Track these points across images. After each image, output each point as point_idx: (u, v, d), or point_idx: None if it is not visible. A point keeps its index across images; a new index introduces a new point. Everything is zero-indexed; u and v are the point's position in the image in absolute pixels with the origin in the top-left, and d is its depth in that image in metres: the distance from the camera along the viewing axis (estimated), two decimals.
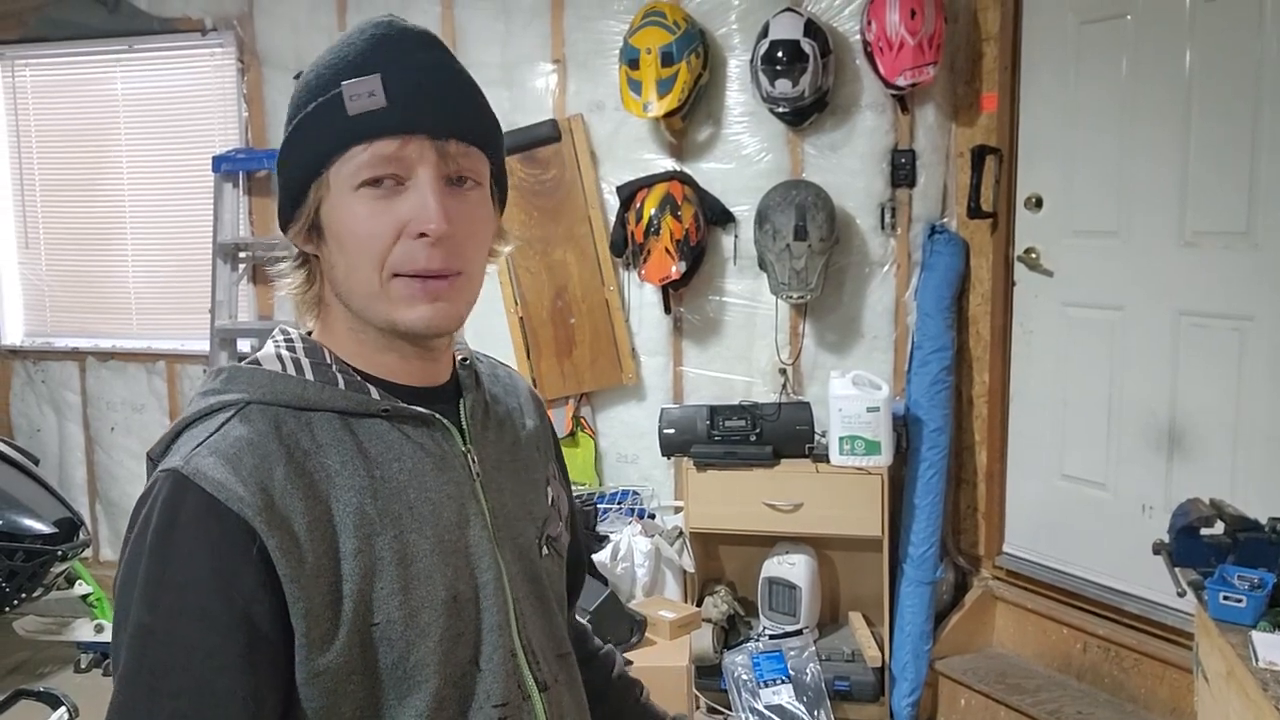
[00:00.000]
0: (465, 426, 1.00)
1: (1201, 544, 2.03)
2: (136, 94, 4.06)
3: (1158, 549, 2.07)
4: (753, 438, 3.19)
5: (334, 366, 0.94)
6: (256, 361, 0.94)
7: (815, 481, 3.12)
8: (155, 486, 0.85)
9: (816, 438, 3.20)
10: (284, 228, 0.95)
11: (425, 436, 0.95)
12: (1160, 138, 2.70)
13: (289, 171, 0.93)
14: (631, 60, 3.19)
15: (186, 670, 0.81)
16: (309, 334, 0.98)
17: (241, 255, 3.93)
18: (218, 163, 3.77)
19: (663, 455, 3.31)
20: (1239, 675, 1.75)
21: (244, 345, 3.96)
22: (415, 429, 0.95)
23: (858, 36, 3.17)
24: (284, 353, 0.95)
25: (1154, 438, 2.78)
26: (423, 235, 0.89)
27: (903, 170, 3.25)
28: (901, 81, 3.01)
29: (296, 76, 0.97)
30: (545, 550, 1.05)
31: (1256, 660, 1.72)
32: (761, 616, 3.26)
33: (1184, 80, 2.64)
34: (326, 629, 0.85)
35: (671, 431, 3.26)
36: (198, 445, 0.86)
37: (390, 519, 0.90)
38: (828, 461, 3.11)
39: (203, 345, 3.90)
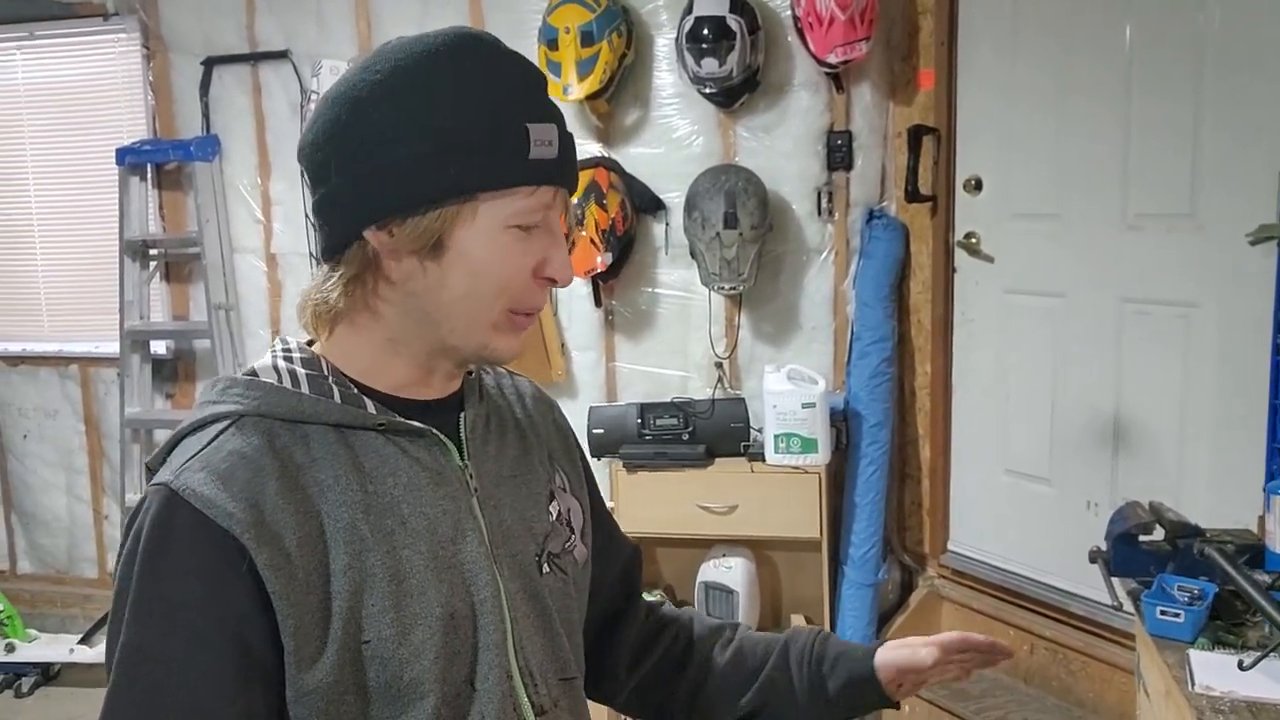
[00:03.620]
0: (464, 441, 0.99)
1: (1140, 552, 1.89)
2: (39, 84, 3.85)
3: (1094, 557, 1.94)
4: (685, 437, 3.04)
5: (331, 379, 0.92)
6: (254, 372, 0.93)
7: (750, 482, 2.98)
8: (146, 501, 0.85)
9: (753, 434, 3.06)
10: (374, 220, 0.89)
11: (422, 451, 0.94)
12: (1101, 115, 2.56)
13: (431, 177, 0.87)
14: (550, 40, 3.01)
15: (177, 690, 0.80)
16: (309, 343, 0.97)
17: (152, 253, 3.73)
18: (122, 155, 3.57)
19: (592, 456, 3.15)
20: (1176, 698, 1.62)
21: (157, 347, 3.78)
22: (412, 443, 0.94)
23: (788, 12, 3.00)
24: (281, 363, 0.94)
25: (1098, 431, 2.65)
26: (552, 281, 0.93)
27: (839, 152, 3.09)
28: (833, 59, 2.84)
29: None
30: (546, 568, 1.02)
31: (1193, 684, 1.59)
32: None
33: (1124, 55, 2.50)
34: (315, 647, 0.84)
35: (601, 431, 3.10)
36: (190, 458, 0.85)
37: (383, 535, 0.88)
38: (763, 460, 2.96)
39: (117, 347, 3.70)
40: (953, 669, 1.13)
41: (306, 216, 3.54)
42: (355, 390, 0.93)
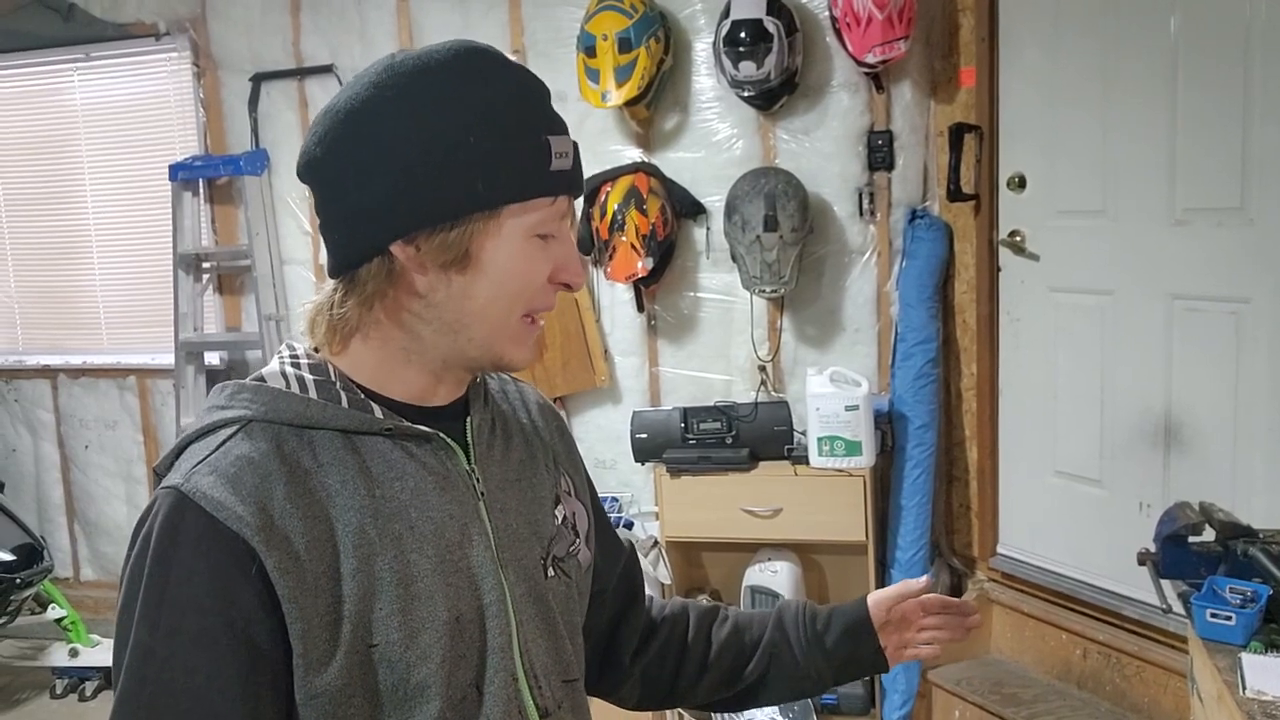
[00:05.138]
0: (471, 445, 0.99)
1: (1190, 554, 1.86)
2: (95, 103, 3.96)
3: (1143, 559, 1.90)
4: (728, 440, 3.03)
5: (338, 384, 0.93)
6: (261, 378, 0.94)
7: (794, 485, 2.97)
8: (155, 504, 0.85)
9: (796, 437, 3.04)
10: (402, 234, 0.89)
11: (429, 455, 0.94)
12: (1146, 109, 2.51)
13: (457, 190, 0.88)
14: (588, 48, 3.03)
15: (186, 692, 0.81)
16: (315, 350, 0.97)
17: (205, 266, 3.82)
18: (175, 171, 3.66)
19: (636, 461, 3.17)
20: (1228, 703, 1.59)
21: (211, 358, 3.86)
22: (419, 447, 0.94)
23: (826, 13, 2.99)
24: (289, 369, 0.94)
25: (1149, 430, 2.60)
26: (567, 286, 0.96)
27: (880, 153, 3.07)
28: (871, 59, 2.83)
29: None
30: (551, 571, 1.03)
31: (1244, 688, 1.55)
32: None
33: (1169, 47, 2.45)
34: (324, 650, 0.84)
35: (644, 436, 3.11)
36: (199, 463, 0.86)
37: (391, 539, 0.89)
38: (807, 463, 2.95)
39: (172, 359, 3.79)
40: (928, 635, 1.23)
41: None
42: (362, 396, 0.94)
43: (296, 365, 0.94)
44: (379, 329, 0.94)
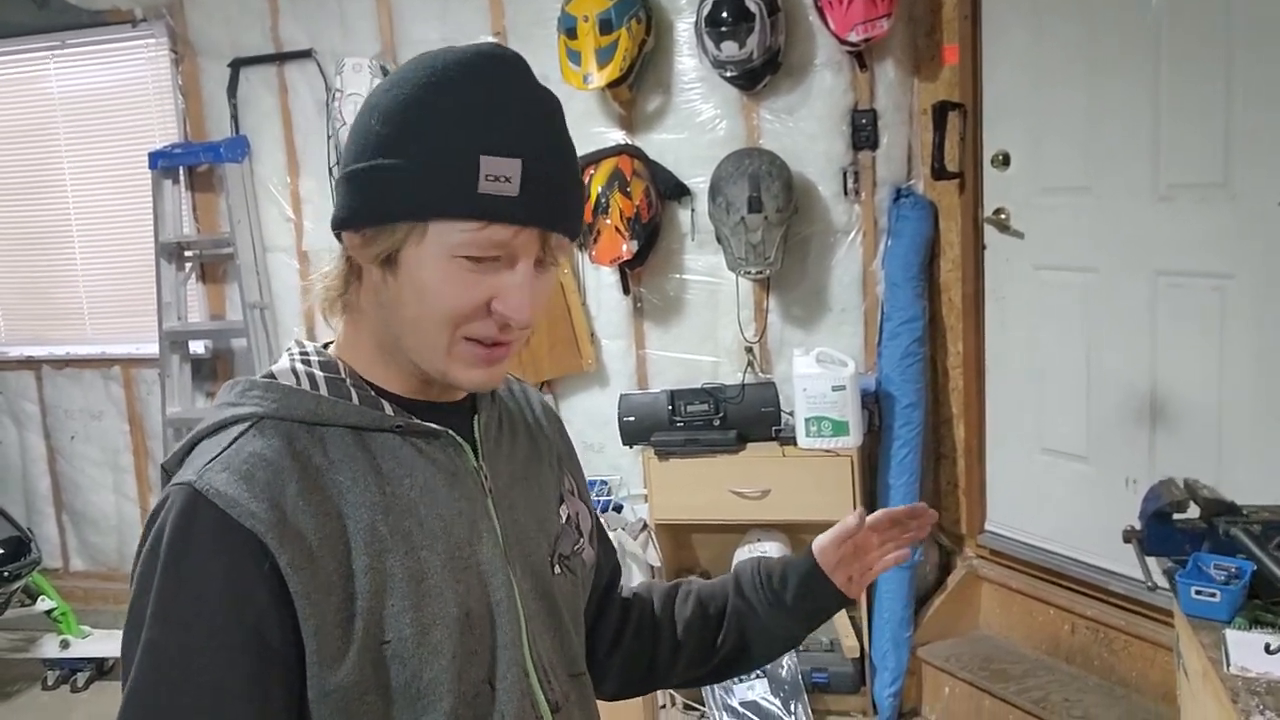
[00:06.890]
0: (479, 442, 1.00)
1: (1175, 530, 1.86)
2: (72, 91, 3.91)
3: (1128, 537, 1.91)
4: (716, 422, 3.03)
5: (349, 381, 0.93)
6: (272, 375, 0.94)
7: (782, 466, 2.97)
8: (168, 500, 0.85)
9: (784, 418, 3.05)
10: (344, 226, 0.90)
11: (438, 452, 0.95)
12: (1130, 85, 2.51)
13: (386, 195, 0.87)
14: (569, 29, 3.01)
15: (195, 689, 0.81)
16: (326, 346, 0.98)
17: (187, 254, 3.79)
18: (154, 159, 3.62)
19: (624, 444, 3.16)
20: (1212, 679, 1.60)
21: (196, 346, 3.84)
22: (428, 444, 0.94)
23: None
24: (299, 366, 0.94)
25: (1135, 407, 2.60)
26: (504, 318, 0.89)
27: (864, 131, 3.06)
28: (854, 37, 2.81)
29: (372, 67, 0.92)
30: (557, 569, 1.04)
31: (1228, 664, 1.56)
32: None
33: (1152, 21, 2.44)
34: (337, 647, 0.84)
35: (632, 419, 3.10)
36: (211, 460, 0.85)
37: (401, 536, 0.89)
38: (795, 444, 2.95)
39: (157, 348, 3.77)
40: (889, 547, 1.22)
41: None
42: (373, 393, 0.94)
43: (307, 362, 0.95)
44: (354, 314, 0.95)
